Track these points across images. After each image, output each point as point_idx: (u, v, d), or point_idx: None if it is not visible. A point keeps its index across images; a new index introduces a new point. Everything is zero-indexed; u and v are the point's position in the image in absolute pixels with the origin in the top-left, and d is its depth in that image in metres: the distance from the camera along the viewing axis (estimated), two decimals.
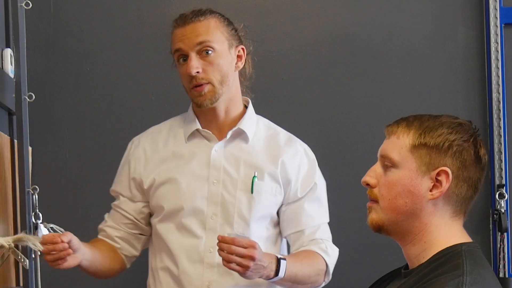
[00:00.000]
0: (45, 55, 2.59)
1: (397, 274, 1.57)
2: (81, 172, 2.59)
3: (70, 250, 1.91)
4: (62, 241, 1.90)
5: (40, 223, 2.30)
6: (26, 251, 2.14)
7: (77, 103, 2.60)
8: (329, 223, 2.17)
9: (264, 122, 2.17)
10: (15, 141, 2.36)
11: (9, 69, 2.33)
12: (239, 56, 2.08)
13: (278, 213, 2.11)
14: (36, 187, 2.33)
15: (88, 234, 2.52)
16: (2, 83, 2.26)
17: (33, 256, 2.26)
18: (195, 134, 2.11)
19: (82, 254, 1.99)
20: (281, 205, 2.10)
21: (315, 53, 2.67)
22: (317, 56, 2.67)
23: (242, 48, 2.09)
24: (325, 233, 2.11)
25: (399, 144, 1.47)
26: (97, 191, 2.59)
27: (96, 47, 2.62)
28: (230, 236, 1.85)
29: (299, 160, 2.10)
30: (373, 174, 1.50)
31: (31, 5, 2.36)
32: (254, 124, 2.12)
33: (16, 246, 1.88)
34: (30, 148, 2.42)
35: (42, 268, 2.33)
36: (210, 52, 2.01)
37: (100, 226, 2.20)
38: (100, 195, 2.59)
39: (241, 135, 2.09)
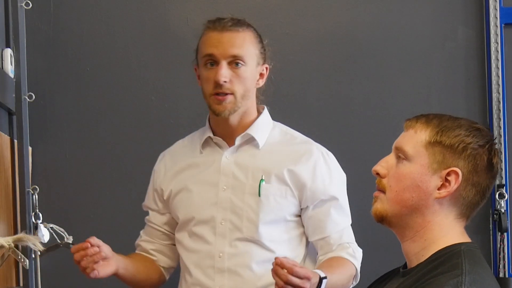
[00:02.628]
0: (45, 55, 2.59)
1: (395, 273, 1.58)
2: (81, 172, 2.59)
3: (102, 253, 1.96)
4: (92, 245, 1.95)
5: (40, 223, 2.30)
6: (26, 251, 2.14)
7: (77, 103, 2.60)
8: None
9: (282, 128, 2.17)
10: (15, 141, 2.36)
11: (9, 69, 2.33)
12: (261, 74, 2.10)
13: (301, 216, 2.11)
14: (36, 187, 2.34)
15: (88, 234, 2.53)
16: (2, 83, 2.26)
17: (33, 256, 2.26)
18: (209, 143, 2.14)
19: (116, 262, 2.04)
20: (303, 208, 2.08)
21: (315, 53, 2.67)
22: (317, 56, 2.67)
23: (266, 67, 2.11)
24: (350, 236, 2.12)
25: (415, 138, 1.48)
26: (97, 191, 2.60)
27: (96, 47, 2.62)
28: (288, 263, 1.80)
29: (314, 163, 2.08)
30: (385, 165, 1.51)
31: (31, 5, 2.37)
32: (267, 130, 2.12)
33: (16, 246, 1.88)
34: (30, 148, 2.43)
35: (42, 268, 2.33)
36: (240, 65, 2.03)
37: (137, 241, 2.27)
38: (100, 195, 2.60)
39: (251, 141, 2.10)
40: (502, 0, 2.65)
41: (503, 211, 2.60)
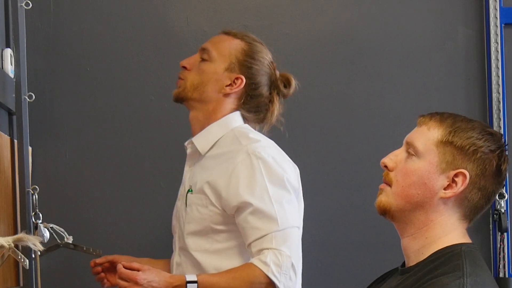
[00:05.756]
0: (45, 55, 2.59)
1: (394, 272, 1.58)
2: (81, 172, 2.59)
3: (100, 274, 2.15)
4: (95, 264, 2.13)
5: (40, 223, 2.30)
6: (26, 251, 2.14)
7: (77, 103, 2.60)
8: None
9: (237, 133, 2.07)
10: (15, 141, 2.36)
11: (9, 69, 2.33)
12: (232, 83, 2.08)
13: None
14: (36, 187, 2.33)
15: (88, 234, 2.53)
16: (2, 83, 2.26)
17: (33, 256, 2.26)
18: None
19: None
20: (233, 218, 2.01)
21: (315, 53, 2.66)
22: (317, 56, 2.67)
23: (240, 78, 2.07)
24: (275, 242, 1.92)
25: (427, 135, 1.48)
26: (97, 191, 2.59)
27: (96, 47, 2.62)
28: (120, 267, 1.90)
29: (233, 168, 1.97)
30: (394, 158, 1.51)
31: (31, 5, 2.36)
32: (215, 137, 2.07)
33: (16, 246, 1.87)
34: (30, 148, 2.42)
35: (42, 268, 2.33)
36: (205, 59, 2.09)
37: None
38: (100, 195, 2.60)
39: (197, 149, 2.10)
40: (502, 0, 2.65)
41: (503, 211, 2.60)
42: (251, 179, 1.96)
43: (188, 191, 2.06)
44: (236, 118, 2.10)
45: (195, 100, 2.09)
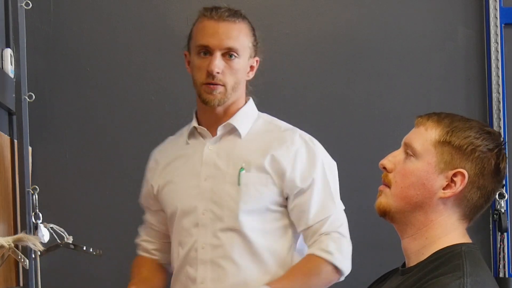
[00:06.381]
0: (45, 55, 2.59)
1: (394, 272, 1.58)
2: (81, 172, 2.59)
3: None
4: None
5: (40, 223, 2.30)
6: (26, 251, 2.14)
7: (77, 103, 2.61)
8: None
9: (266, 118, 2.16)
10: (15, 141, 2.36)
11: (9, 69, 2.33)
12: (252, 67, 2.11)
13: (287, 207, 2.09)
14: (36, 187, 2.33)
15: (89, 234, 2.53)
16: (2, 83, 2.26)
17: (33, 256, 2.26)
18: (195, 134, 2.14)
19: None
20: (286, 198, 2.06)
21: (315, 53, 2.67)
22: (317, 56, 2.67)
23: (257, 60, 2.12)
24: (334, 224, 2.05)
25: (425, 136, 1.47)
26: (97, 191, 2.60)
27: (96, 47, 2.62)
28: None
29: (295, 151, 2.06)
30: (392, 159, 1.50)
31: (31, 5, 2.36)
32: (251, 120, 2.12)
33: (16, 246, 1.88)
34: (30, 148, 2.42)
35: (42, 268, 2.33)
36: (234, 57, 2.04)
37: (137, 240, 2.27)
38: (100, 195, 2.60)
39: (234, 131, 2.10)
40: (502, 0, 2.65)
41: (503, 211, 2.60)
42: (314, 164, 2.06)
43: (241, 169, 2.04)
44: (254, 104, 2.17)
45: (231, 98, 2.07)
